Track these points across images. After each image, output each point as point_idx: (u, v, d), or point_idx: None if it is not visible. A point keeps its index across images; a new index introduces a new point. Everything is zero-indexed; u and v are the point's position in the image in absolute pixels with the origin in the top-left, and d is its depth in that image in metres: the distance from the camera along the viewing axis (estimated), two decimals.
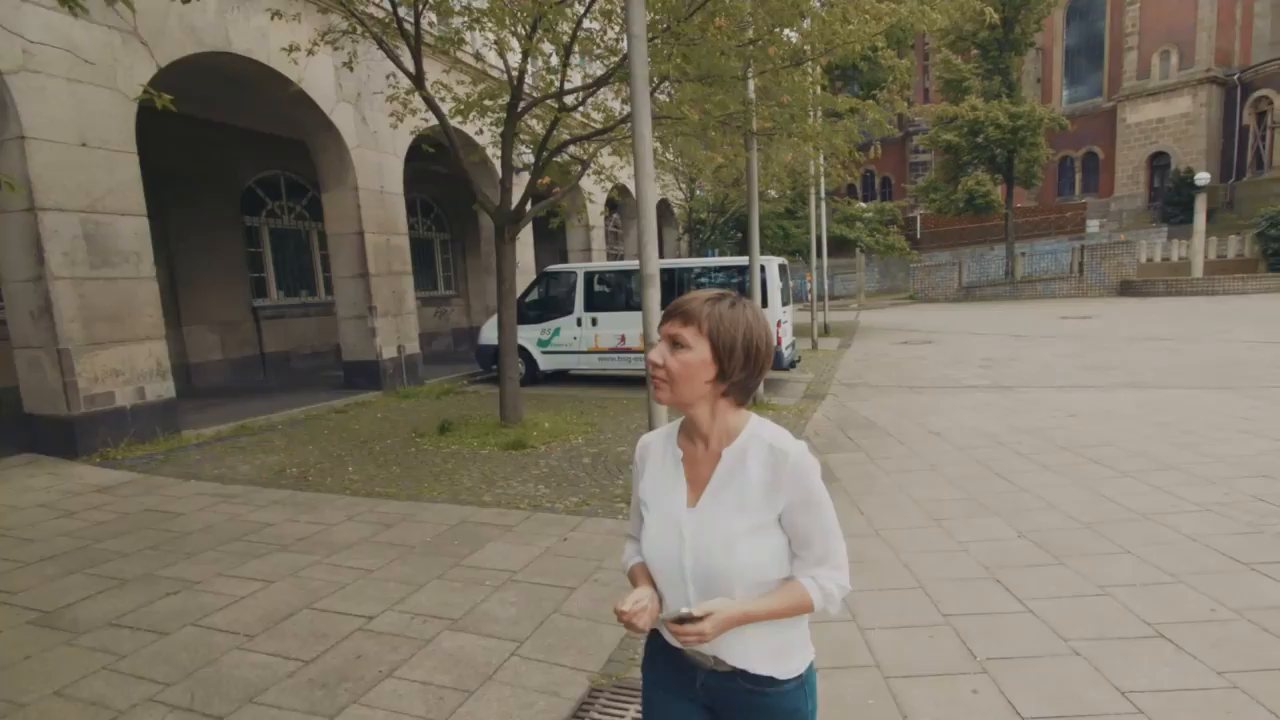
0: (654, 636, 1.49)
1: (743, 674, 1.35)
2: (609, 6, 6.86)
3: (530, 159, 8.74)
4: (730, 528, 1.29)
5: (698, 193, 19.29)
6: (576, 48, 6.92)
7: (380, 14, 7.09)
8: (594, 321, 11.08)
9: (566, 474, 6.09)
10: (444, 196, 18.17)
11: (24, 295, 6.52)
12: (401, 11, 6.68)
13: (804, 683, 1.38)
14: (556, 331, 11.32)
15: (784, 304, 10.67)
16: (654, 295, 4.92)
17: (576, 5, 6.71)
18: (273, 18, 7.35)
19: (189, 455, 7.03)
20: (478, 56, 10.71)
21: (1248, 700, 2.59)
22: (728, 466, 1.33)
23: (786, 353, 10.63)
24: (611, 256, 20.59)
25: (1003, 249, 31.58)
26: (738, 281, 10.52)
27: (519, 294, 11.51)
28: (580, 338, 11.16)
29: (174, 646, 3.28)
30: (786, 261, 11.82)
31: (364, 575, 4.05)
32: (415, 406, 9.68)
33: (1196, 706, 2.56)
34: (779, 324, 10.27)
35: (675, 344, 1.30)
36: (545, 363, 11.48)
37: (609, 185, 14.26)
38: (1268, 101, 33.48)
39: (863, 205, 25.59)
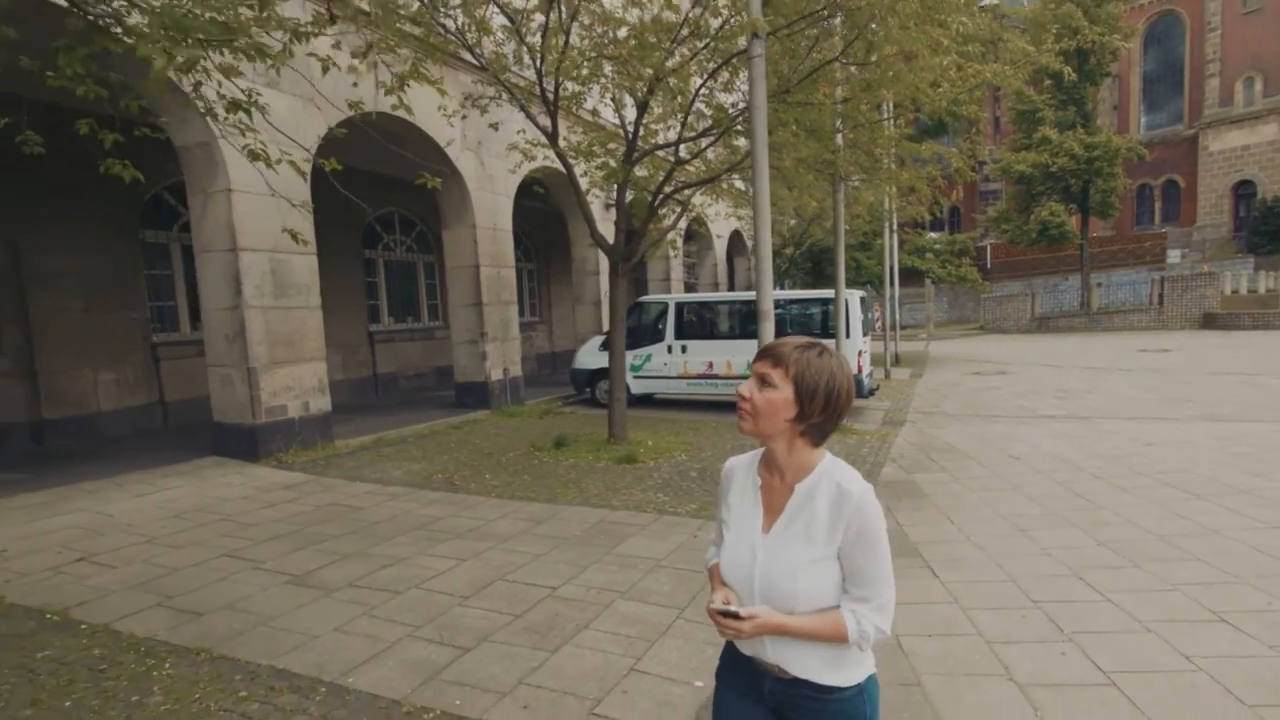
0: (729, 645, 1.65)
1: (805, 683, 1.49)
2: (723, 74, 7.74)
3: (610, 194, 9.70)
4: (797, 557, 1.45)
5: (784, 227, 20.05)
6: (691, 106, 7.84)
7: (522, 82, 8.18)
8: (684, 349, 11.92)
9: (679, 485, 6.90)
10: (531, 229, 19.40)
11: (221, 321, 7.75)
12: (542, 78, 7.73)
13: (863, 691, 1.51)
14: (648, 358, 12.20)
15: (864, 334, 11.31)
16: (769, 328, 5.72)
17: (693, 76, 7.62)
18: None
19: (345, 461, 8.11)
20: (594, 112, 11.78)
21: None
22: (799, 501, 1.48)
23: (866, 381, 11.25)
24: (688, 286, 21.46)
25: (1078, 279, 31.25)
26: (821, 311, 11.21)
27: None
28: (670, 364, 12.02)
29: (409, 602, 4.20)
30: (866, 294, 12.45)
31: (534, 559, 4.93)
32: (522, 424, 10.65)
33: (1248, 669, 3.18)
34: (860, 353, 10.93)
35: (764, 382, 1.47)
36: (635, 386, 12.35)
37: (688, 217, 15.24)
38: None
39: (933, 236, 25.93)
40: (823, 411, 1.44)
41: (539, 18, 7.15)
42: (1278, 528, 5.07)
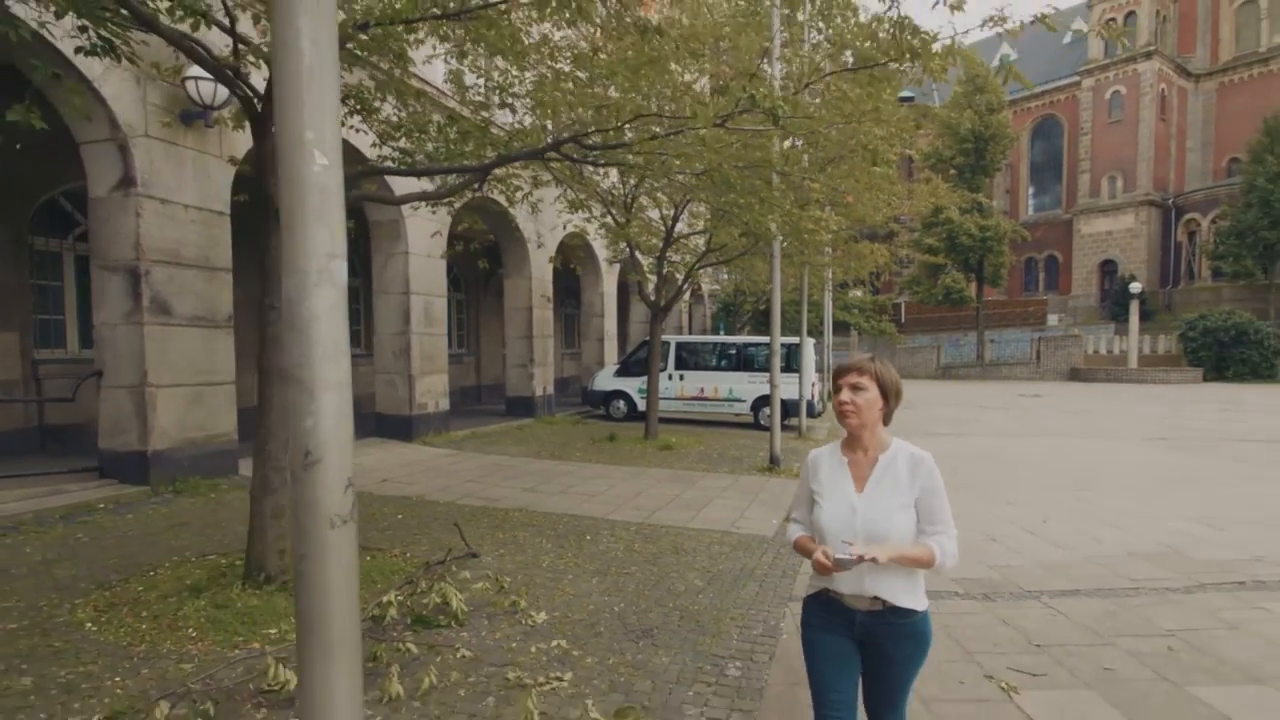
0: (812, 598, 2.23)
1: (892, 609, 2.07)
2: None
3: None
4: (890, 503, 2.06)
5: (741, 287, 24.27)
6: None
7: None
8: (682, 377, 15.75)
9: (710, 460, 10.66)
10: (558, 282, 22.95)
11: (391, 342, 11.12)
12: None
13: (927, 615, 2.12)
14: None
15: (815, 371, 15.42)
16: (776, 361, 9.62)
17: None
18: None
19: (467, 444, 11.50)
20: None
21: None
22: (883, 466, 2.10)
23: (816, 404, 15.32)
24: (676, 329, 25.46)
25: (974, 336, 36.91)
26: (785, 353, 15.24)
27: (626, 355, 16.26)
28: (670, 388, 15.78)
29: (604, 498, 7.76)
30: (816, 341, 16.63)
31: (654, 484, 8.56)
32: (565, 428, 14.18)
33: (1031, 542, 7.18)
34: (812, 385, 15.01)
35: (855, 388, 2.08)
36: (642, 404, 16.01)
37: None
38: (1196, 223, 39.68)
39: (858, 294, 30.81)
40: (895, 399, 2.12)
41: None
42: (1056, 485, 9.24)
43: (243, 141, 7.48)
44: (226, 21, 3.95)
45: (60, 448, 9.23)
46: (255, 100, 4.05)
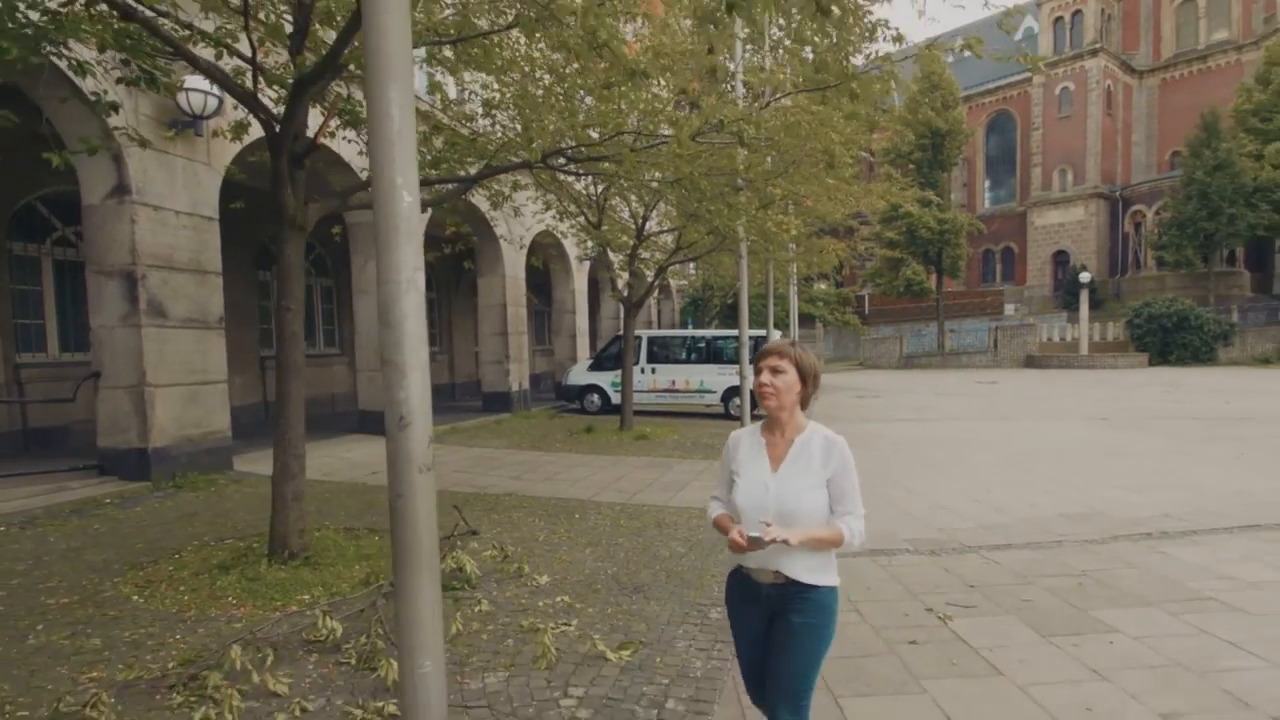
0: (731, 576, 2.37)
1: (794, 583, 2.17)
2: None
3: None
4: (801, 484, 2.17)
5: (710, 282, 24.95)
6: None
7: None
8: (653, 370, 16.32)
9: (685, 447, 11.26)
10: (529, 280, 23.38)
11: (373, 341, 11.49)
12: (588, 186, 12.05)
13: (833, 590, 2.21)
14: None
15: None
16: (745, 353, 10.24)
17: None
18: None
19: (449, 438, 11.93)
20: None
21: None
22: (798, 448, 2.21)
23: None
24: (645, 324, 26.02)
25: (935, 326, 38.13)
26: (753, 345, 15.91)
27: (600, 350, 16.80)
28: (642, 381, 16.33)
29: (590, 483, 8.30)
30: (783, 334, 17.33)
31: (632, 470, 9.12)
32: (541, 422, 14.67)
33: (979, 506, 7.90)
34: None
35: (775, 371, 2.18)
36: (616, 397, 16.56)
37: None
38: (1141, 214, 41.42)
39: (823, 288, 31.73)
40: (813, 384, 2.23)
41: None
42: (993, 451, 10.02)
43: (229, 150, 7.84)
44: (248, 52, 4.38)
45: (44, 449, 9.48)
46: (274, 124, 4.49)
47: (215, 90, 6.99)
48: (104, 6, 3.64)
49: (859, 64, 7.04)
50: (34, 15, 3.61)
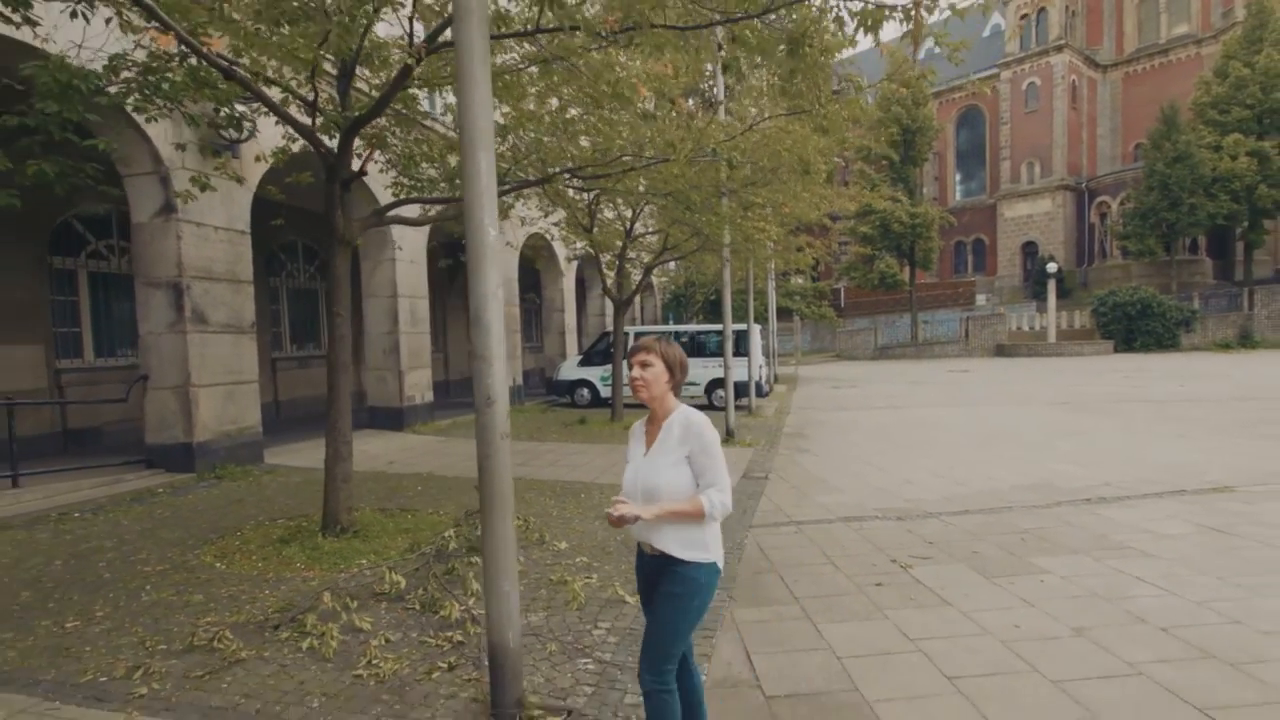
0: (638, 550, 2.55)
1: (666, 556, 2.37)
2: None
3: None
4: (661, 462, 2.38)
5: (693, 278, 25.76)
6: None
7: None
8: None
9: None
10: (524, 279, 23.97)
11: (381, 341, 12.15)
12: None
13: (704, 568, 2.36)
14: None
15: (764, 354, 16.95)
16: (729, 347, 11.04)
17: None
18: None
19: (452, 432, 12.62)
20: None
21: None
22: (664, 431, 2.42)
23: (764, 385, 16.84)
24: (630, 320, 26.75)
25: (909, 317, 39.27)
26: (735, 339, 16.72)
27: (589, 346, 17.54)
28: (628, 376, 17.06)
29: (586, 468, 9.04)
30: (764, 327, 18.16)
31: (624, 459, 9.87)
32: (535, 416, 15.38)
33: (945, 483, 8.75)
34: (761, 366, 16.51)
35: (644, 365, 2.42)
36: (604, 391, 17.32)
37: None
38: (1106, 205, 42.83)
39: (799, 282, 32.68)
40: (680, 373, 2.47)
41: None
42: (961, 432, 10.90)
43: (258, 169, 8.51)
44: (310, 96, 5.05)
45: (81, 449, 10.06)
46: (331, 155, 5.18)
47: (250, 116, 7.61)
48: (195, 63, 4.32)
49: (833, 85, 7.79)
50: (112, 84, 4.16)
